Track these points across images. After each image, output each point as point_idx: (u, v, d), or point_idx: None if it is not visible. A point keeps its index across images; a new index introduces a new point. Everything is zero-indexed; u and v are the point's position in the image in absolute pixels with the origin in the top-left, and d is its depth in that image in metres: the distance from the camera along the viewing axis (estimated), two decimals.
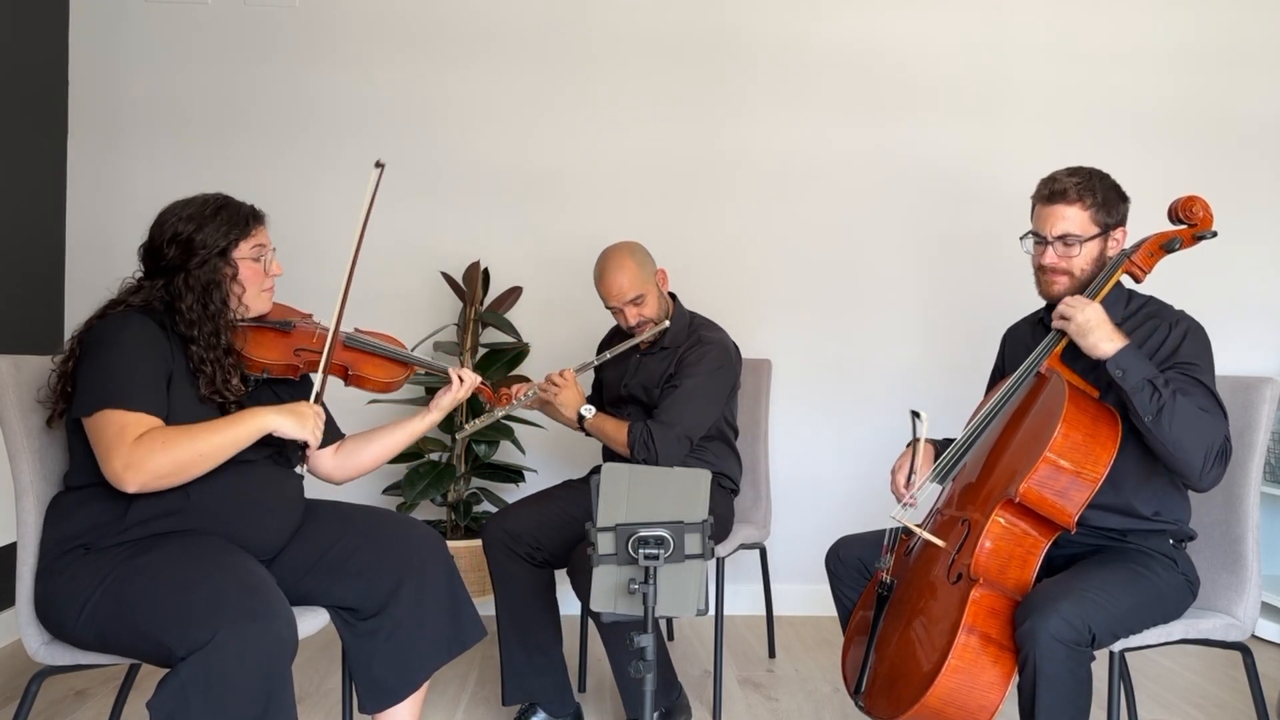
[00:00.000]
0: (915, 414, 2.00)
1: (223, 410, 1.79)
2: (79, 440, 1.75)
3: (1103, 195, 2.00)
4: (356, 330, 2.07)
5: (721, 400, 2.60)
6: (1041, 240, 2.02)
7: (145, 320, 1.78)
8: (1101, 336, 1.86)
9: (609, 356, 2.61)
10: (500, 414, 2.49)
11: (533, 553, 2.42)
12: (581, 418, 2.52)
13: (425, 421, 2.08)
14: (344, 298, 1.91)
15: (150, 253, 1.84)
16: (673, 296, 2.68)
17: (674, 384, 2.53)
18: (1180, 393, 1.82)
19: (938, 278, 3.59)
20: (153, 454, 1.64)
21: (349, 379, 2.02)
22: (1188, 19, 3.61)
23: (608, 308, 2.61)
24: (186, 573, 1.62)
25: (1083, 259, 2.00)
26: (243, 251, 1.85)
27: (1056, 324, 1.96)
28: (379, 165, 1.96)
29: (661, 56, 3.57)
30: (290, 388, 1.95)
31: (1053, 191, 2.02)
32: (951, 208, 3.58)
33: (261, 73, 3.52)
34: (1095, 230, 1.99)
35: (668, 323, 2.59)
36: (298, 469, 1.99)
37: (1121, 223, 2.03)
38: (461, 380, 2.09)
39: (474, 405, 3.31)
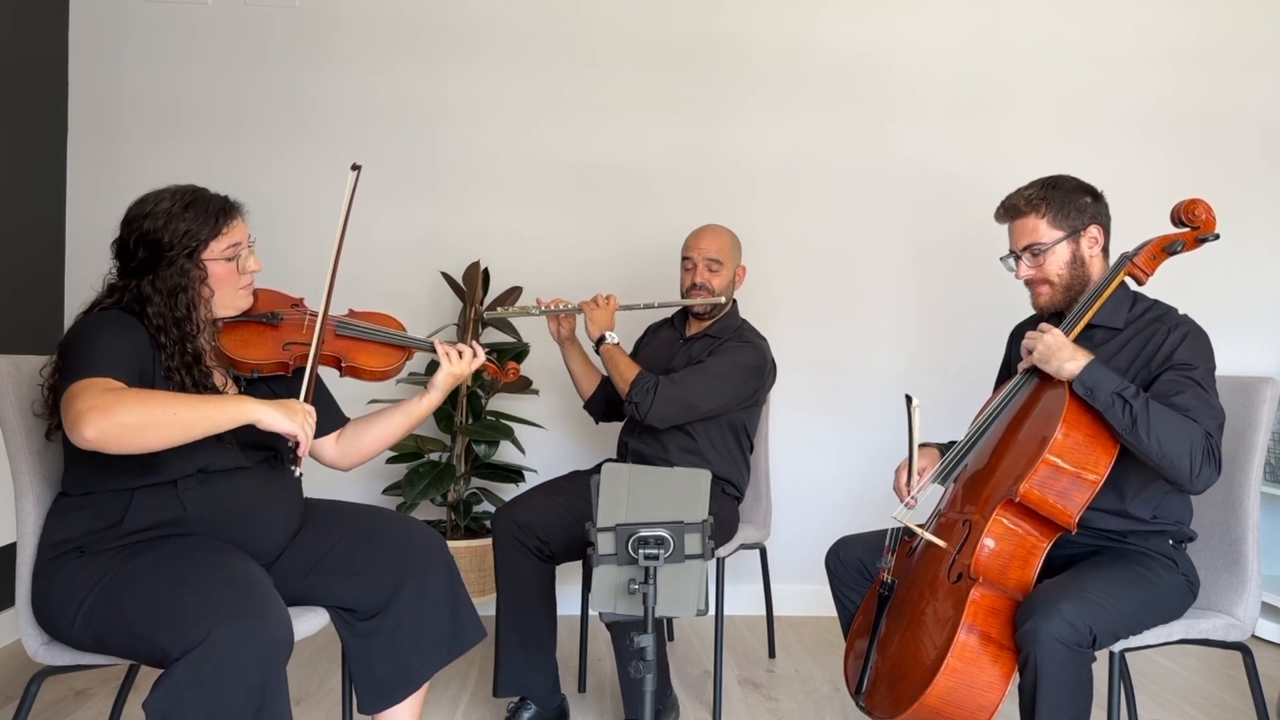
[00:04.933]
0: (909, 399, 1.96)
1: None
2: (74, 449, 1.71)
3: (1060, 200, 2.00)
4: (350, 313, 2.00)
5: (736, 395, 2.62)
6: (1014, 255, 2.05)
7: (122, 314, 1.74)
8: (1064, 358, 1.85)
9: (656, 304, 2.74)
10: (536, 313, 2.65)
11: (540, 546, 2.43)
12: (603, 338, 2.62)
13: (425, 403, 2.02)
14: (328, 297, 1.86)
15: (120, 252, 1.78)
16: (733, 301, 2.80)
17: (701, 361, 2.62)
18: (1157, 398, 1.81)
19: (938, 279, 3.59)
20: (123, 401, 1.54)
21: (343, 370, 1.94)
22: (1188, 19, 3.60)
23: (683, 259, 2.74)
24: (179, 573, 1.61)
25: (1055, 265, 2.00)
26: (213, 252, 1.76)
27: (1026, 361, 1.96)
28: (355, 168, 1.92)
29: (663, 59, 3.57)
30: (285, 385, 1.92)
31: (1005, 209, 2.06)
32: (952, 209, 3.57)
33: (261, 72, 3.52)
34: (1059, 234, 1.99)
35: (723, 299, 2.71)
36: (293, 470, 1.90)
37: (1095, 220, 2.01)
38: (460, 355, 2.00)
39: (474, 405, 3.32)
